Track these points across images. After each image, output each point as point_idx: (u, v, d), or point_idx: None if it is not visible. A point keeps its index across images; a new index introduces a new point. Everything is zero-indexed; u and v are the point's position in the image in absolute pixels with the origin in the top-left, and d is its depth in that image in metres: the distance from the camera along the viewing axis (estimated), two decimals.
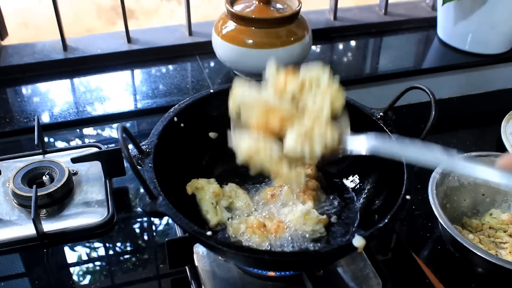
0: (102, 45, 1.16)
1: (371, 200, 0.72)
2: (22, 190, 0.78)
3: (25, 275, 0.72)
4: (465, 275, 0.74)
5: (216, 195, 0.71)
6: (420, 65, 1.20)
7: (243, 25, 0.99)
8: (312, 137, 0.61)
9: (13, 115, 0.99)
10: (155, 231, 0.80)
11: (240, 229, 0.68)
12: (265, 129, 0.63)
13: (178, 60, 1.18)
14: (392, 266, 0.73)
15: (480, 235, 0.78)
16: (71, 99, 1.05)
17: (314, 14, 1.32)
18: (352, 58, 1.23)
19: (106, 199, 0.81)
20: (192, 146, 0.76)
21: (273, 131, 0.63)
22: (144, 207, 0.58)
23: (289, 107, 0.64)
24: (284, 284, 0.67)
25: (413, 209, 0.85)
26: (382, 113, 0.74)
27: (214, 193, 0.71)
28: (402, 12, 1.36)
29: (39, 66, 1.11)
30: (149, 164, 0.64)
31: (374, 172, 0.74)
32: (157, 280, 0.72)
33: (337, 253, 0.57)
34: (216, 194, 0.71)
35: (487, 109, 1.17)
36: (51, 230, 0.75)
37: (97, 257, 0.75)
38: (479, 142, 1.04)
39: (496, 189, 0.82)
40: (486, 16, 1.14)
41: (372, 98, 1.16)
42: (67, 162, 0.83)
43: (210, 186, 0.72)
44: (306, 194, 0.72)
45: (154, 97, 1.06)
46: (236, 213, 0.72)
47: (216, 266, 0.68)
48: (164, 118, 0.72)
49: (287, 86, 0.64)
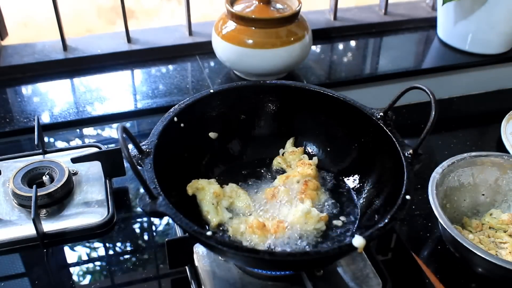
0: (102, 45, 1.16)
1: (371, 200, 0.72)
2: (22, 190, 0.78)
3: (25, 275, 0.72)
4: (465, 275, 0.74)
5: (216, 196, 0.71)
6: (420, 65, 1.20)
7: (243, 25, 1.00)
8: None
9: (13, 115, 1.00)
10: (155, 231, 0.80)
11: (240, 229, 0.68)
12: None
13: (178, 60, 1.18)
14: (392, 266, 0.73)
15: (480, 235, 0.78)
16: (71, 99, 1.05)
17: (314, 14, 1.33)
18: (352, 58, 1.23)
19: (106, 199, 0.81)
20: (192, 146, 0.76)
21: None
22: (144, 207, 0.58)
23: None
24: (284, 284, 0.67)
25: (413, 209, 0.85)
26: (382, 113, 0.74)
27: (214, 194, 0.71)
28: (402, 12, 1.36)
29: (39, 66, 1.11)
30: (149, 164, 0.64)
31: (374, 172, 0.74)
32: (157, 280, 0.72)
33: (337, 253, 0.57)
34: (217, 194, 0.71)
35: (487, 109, 1.17)
36: (51, 230, 0.75)
37: (97, 257, 0.75)
38: (479, 142, 1.04)
39: (496, 189, 0.82)
40: (486, 16, 1.14)
41: (372, 98, 1.16)
42: (67, 162, 0.83)
43: (210, 186, 0.72)
44: (305, 194, 0.72)
45: (154, 97, 1.06)
46: (236, 213, 0.72)
47: (216, 266, 0.68)
48: (164, 118, 0.72)
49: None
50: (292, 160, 0.79)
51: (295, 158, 0.79)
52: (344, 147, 0.78)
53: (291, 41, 1.00)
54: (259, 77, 1.05)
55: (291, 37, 1.00)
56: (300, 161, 0.78)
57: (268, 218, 0.70)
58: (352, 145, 0.78)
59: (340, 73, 1.16)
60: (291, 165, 0.79)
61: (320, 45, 1.26)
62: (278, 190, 0.73)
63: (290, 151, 0.81)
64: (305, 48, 1.04)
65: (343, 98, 0.77)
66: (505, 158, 0.82)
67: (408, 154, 0.67)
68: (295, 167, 0.77)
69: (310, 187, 0.73)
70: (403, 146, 0.68)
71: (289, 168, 0.79)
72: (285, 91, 0.80)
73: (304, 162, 0.77)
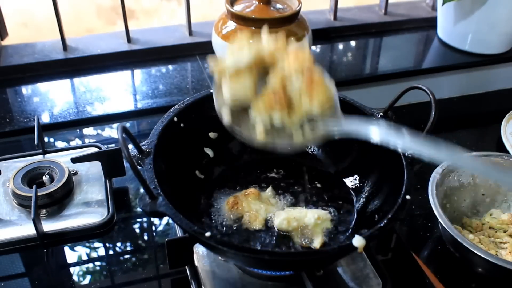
0: (102, 45, 1.16)
1: (371, 200, 0.72)
2: (22, 190, 0.78)
3: (25, 275, 0.72)
4: (465, 275, 0.74)
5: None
6: (420, 65, 1.20)
7: (243, 25, 0.99)
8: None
9: (13, 115, 0.99)
10: (155, 231, 0.80)
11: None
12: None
13: (178, 60, 1.18)
14: (392, 266, 0.73)
15: (480, 235, 0.77)
16: (71, 99, 1.05)
17: (314, 14, 1.32)
18: (352, 58, 1.23)
19: (106, 199, 0.81)
20: (192, 146, 0.76)
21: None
22: (144, 207, 0.58)
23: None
24: (284, 284, 0.67)
25: (413, 209, 0.85)
26: (382, 113, 0.74)
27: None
28: (402, 12, 1.36)
29: (39, 66, 1.11)
30: (149, 164, 0.64)
31: (374, 172, 0.74)
32: (157, 280, 0.72)
33: (337, 253, 0.57)
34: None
35: (487, 109, 1.17)
36: (51, 230, 0.75)
37: (97, 257, 0.75)
38: (479, 142, 1.04)
39: (496, 189, 0.82)
40: (486, 16, 1.14)
41: (372, 98, 1.16)
42: (67, 162, 0.83)
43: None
44: (315, 87, 0.57)
45: (154, 97, 1.06)
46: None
47: (216, 266, 0.68)
48: (164, 118, 0.72)
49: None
50: (278, 51, 0.60)
51: (281, 48, 0.60)
52: (344, 147, 0.78)
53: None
54: None
55: (291, 37, 1.00)
56: (289, 49, 0.60)
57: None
58: (352, 145, 0.78)
59: (340, 73, 1.16)
60: (278, 58, 0.60)
61: (320, 45, 1.26)
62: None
63: (270, 42, 0.61)
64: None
65: (343, 98, 0.77)
66: (505, 158, 0.82)
67: (408, 154, 0.67)
68: (286, 58, 0.59)
69: (315, 76, 0.57)
70: None
71: (277, 63, 0.60)
72: None
73: (295, 50, 0.59)
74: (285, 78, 0.58)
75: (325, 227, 0.69)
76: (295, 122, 0.58)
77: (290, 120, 0.58)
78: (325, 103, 0.58)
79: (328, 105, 0.58)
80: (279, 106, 0.57)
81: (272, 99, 0.57)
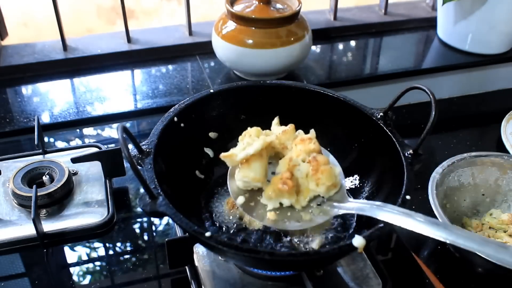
0: (102, 45, 1.16)
1: (371, 200, 0.72)
2: (22, 190, 0.78)
3: (25, 275, 0.72)
4: (465, 275, 0.74)
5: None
6: (420, 65, 1.20)
7: (243, 25, 1.00)
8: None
9: (13, 115, 1.00)
10: (155, 231, 0.80)
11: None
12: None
13: (178, 60, 1.18)
14: (392, 266, 0.73)
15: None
16: (71, 99, 1.05)
17: (314, 14, 1.33)
18: (352, 58, 1.23)
19: (106, 199, 0.81)
20: (192, 146, 0.76)
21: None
22: (144, 207, 0.58)
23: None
24: (284, 284, 0.67)
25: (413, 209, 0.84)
26: (382, 113, 0.74)
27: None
28: (402, 12, 1.36)
29: (39, 66, 1.11)
30: (149, 164, 0.64)
31: (374, 172, 0.74)
32: (157, 280, 0.72)
33: (337, 253, 0.57)
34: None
35: (487, 109, 1.17)
36: (51, 230, 0.75)
37: (97, 257, 0.75)
38: (479, 142, 1.04)
39: (496, 189, 0.82)
40: (486, 16, 1.14)
41: (372, 98, 1.16)
42: (67, 162, 0.83)
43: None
44: (320, 171, 0.63)
45: (154, 97, 1.06)
46: None
47: (216, 266, 0.68)
48: (164, 118, 0.72)
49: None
50: (287, 140, 0.68)
51: (289, 138, 0.68)
52: (344, 147, 0.78)
53: (291, 41, 1.00)
54: (259, 77, 1.05)
55: (291, 37, 1.00)
56: (297, 139, 0.68)
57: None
58: (352, 145, 0.78)
59: (340, 73, 1.16)
60: (287, 147, 0.68)
61: (320, 45, 1.26)
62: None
63: (280, 131, 0.69)
64: (305, 48, 1.04)
65: (343, 98, 0.77)
66: (505, 158, 0.82)
67: (408, 154, 0.67)
68: (294, 147, 0.67)
69: (321, 162, 0.63)
70: (403, 146, 0.68)
71: (286, 150, 0.68)
72: (285, 91, 0.80)
73: (302, 139, 0.67)
74: (293, 166, 0.64)
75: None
76: (303, 204, 0.64)
77: (298, 202, 0.64)
78: (330, 187, 0.63)
79: (333, 189, 0.64)
80: (287, 194, 0.63)
81: (281, 188, 0.62)
